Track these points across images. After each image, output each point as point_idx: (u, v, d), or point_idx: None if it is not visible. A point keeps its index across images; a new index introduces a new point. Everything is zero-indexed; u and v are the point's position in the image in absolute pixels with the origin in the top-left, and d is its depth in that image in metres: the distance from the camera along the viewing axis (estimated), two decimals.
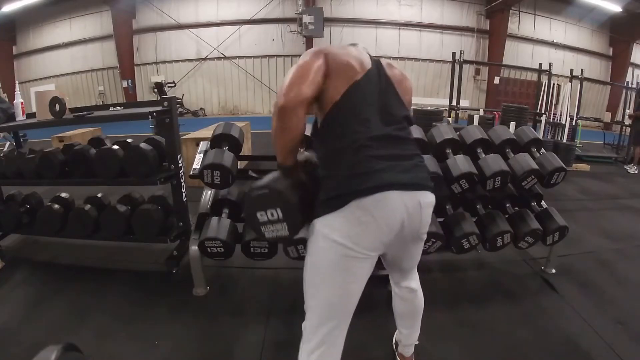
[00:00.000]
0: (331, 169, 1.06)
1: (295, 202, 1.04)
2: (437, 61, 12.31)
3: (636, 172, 5.80)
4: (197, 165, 1.99)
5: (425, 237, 1.19)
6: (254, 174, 2.18)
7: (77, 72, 12.54)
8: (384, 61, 1.21)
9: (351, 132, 1.04)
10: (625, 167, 6.06)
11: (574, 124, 6.10)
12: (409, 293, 1.36)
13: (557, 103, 6.19)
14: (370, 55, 1.18)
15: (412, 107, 1.31)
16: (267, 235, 1.10)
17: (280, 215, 1.05)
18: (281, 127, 1.02)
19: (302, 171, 1.15)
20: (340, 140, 1.05)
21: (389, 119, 1.10)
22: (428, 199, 1.09)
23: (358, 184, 0.99)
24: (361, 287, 1.09)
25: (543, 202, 2.34)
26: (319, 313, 1.07)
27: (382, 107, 1.11)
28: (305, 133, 1.12)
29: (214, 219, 1.99)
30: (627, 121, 6.82)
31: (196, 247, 1.97)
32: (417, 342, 1.48)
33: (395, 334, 1.56)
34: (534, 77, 10.11)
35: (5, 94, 8.59)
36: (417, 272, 1.38)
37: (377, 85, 1.13)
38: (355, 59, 1.10)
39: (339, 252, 1.01)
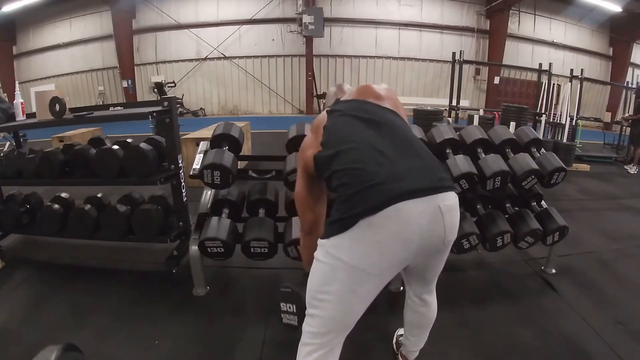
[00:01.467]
0: (340, 189, 1.00)
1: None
2: (437, 61, 12.30)
3: (636, 172, 5.80)
4: (197, 165, 2.00)
5: (452, 242, 1.06)
6: (254, 174, 2.20)
7: (77, 72, 12.54)
8: (349, 94, 1.29)
9: (345, 153, 1.02)
10: (625, 167, 6.06)
11: (574, 124, 6.09)
12: (422, 306, 1.31)
13: (557, 103, 6.19)
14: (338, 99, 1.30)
15: (413, 107, 1.34)
16: (283, 321, 1.40)
17: (294, 310, 1.35)
18: (305, 245, 1.30)
19: None
20: (338, 167, 1.02)
21: (382, 124, 1.10)
22: (450, 200, 0.99)
23: (365, 200, 0.91)
24: (365, 306, 1.04)
25: (543, 202, 2.34)
26: (319, 323, 1.04)
27: (367, 118, 1.11)
28: None
29: (214, 219, 1.99)
30: (624, 123, 6.83)
31: (196, 247, 1.97)
32: (422, 347, 1.47)
33: (398, 335, 1.56)
34: (534, 77, 10.12)
35: (5, 94, 8.60)
36: (435, 285, 1.31)
37: (349, 109, 1.17)
38: (314, 126, 1.23)
39: (346, 273, 0.95)
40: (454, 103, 6.66)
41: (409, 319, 1.38)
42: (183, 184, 2.30)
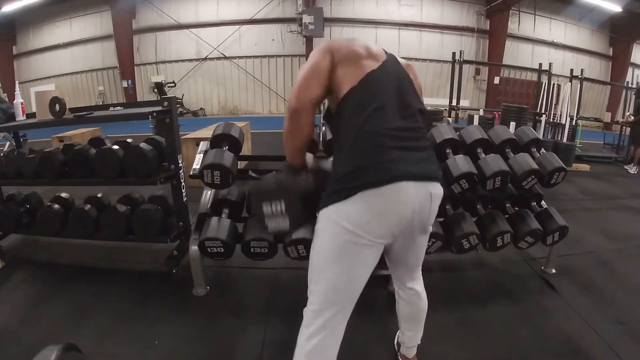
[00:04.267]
0: (345, 156, 1.07)
1: (297, 197, 1.10)
2: (437, 61, 12.30)
3: (636, 172, 5.80)
4: (197, 165, 1.99)
5: (431, 229, 1.21)
6: (254, 174, 2.20)
7: (77, 72, 12.54)
8: (399, 57, 1.25)
9: (366, 121, 1.05)
10: (625, 167, 6.06)
11: (574, 124, 6.09)
12: (413, 296, 1.35)
13: (557, 103, 6.19)
14: (388, 52, 1.22)
15: None
16: (269, 227, 1.16)
17: (283, 208, 1.12)
18: (292, 128, 1.10)
19: (311, 174, 1.22)
20: (354, 128, 1.06)
21: (404, 110, 1.11)
22: (438, 190, 1.11)
23: (371, 174, 1.00)
24: (367, 274, 1.10)
25: (543, 202, 2.34)
26: (323, 298, 1.07)
27: (399, 98, 1.12)
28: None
29: (214, 219, 1.99)
30: (627, 122, 6.82)
31: (196, 247, 1.97)
32: (419, 343, 1.48)
33: (398, 335, 1.56)
34: (534, 77, 10.11)
35: (5, 94, 8.59)
36: (421, 274, 1.37)
37: (395, 76, 1.15)
38: (363, 48, 1.14)
39: (347, 238, 1.02)
40: (454, 103, 6.66)
41: (402, 313, 1.41)
42: (183, 184, 2.30)
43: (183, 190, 2.30)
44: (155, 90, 11.02)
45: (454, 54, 6.76)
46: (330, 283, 1.06)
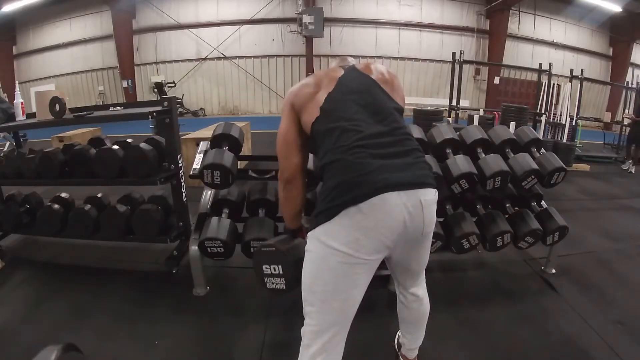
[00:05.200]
0: (327, 178, 1.05)
1: (293, 262, 1.18)
2: (437, 61, 12.30)
3: (633, 171, 5.80)
4: (197, 165, 1.99)
5: (431, 235, 1.16)
6: (254, 174, 2.20)
7: (77, 72, 12.54)
8: (358, 64, 1.26)
9: (340, 137, 1.04)
10: (625, 167, 6.05)
11: (574, 124, 6.09)
12: (414, 301, 1.32)
13: (557, 103, 6.19)
14: (346, 66, 1.24)
15: (413, 107, 1.33)
16: (267, 286, 1.26)
17: (280, 271, 1.22)
18: (285, 197, 1.21)
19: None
20: (331, 148, 1.05)
21: (378, 114, 1.10)
22: (429, 196, 1.05)
23: (353, 189, 0.97)
24: (362, 292, 1.07)
25: (543, 202, 2.34)
26: (320, 320, 1.05)
27: (368, 104, 1.11)
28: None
29: (214, 219, 1.99)
30: (626, 121, 6.82)
31: (196, 247, 1.97)
32: (421, 344, 1.48)
33: (399, 336, 1.56)
34: (534, 77, 10.11)
35: (5, 94, 8.60)
36: (424, 278, 1.34)
37: (356, 86, 1.15)
38: (318, 79, 1.17)
39: (338, 259, 0.99)
40: (454, 103, 6.66)
41: (403, 316, 1.39)
42: (183, 184, 2.30)
43: (183, 190, 2.30)
44: (155, 90, 11.02)
45: (454, 54, 6.77)
46: (326, 305, 1.04)
